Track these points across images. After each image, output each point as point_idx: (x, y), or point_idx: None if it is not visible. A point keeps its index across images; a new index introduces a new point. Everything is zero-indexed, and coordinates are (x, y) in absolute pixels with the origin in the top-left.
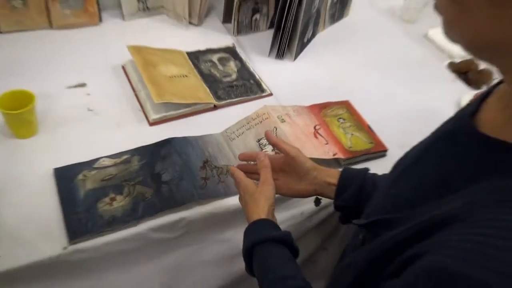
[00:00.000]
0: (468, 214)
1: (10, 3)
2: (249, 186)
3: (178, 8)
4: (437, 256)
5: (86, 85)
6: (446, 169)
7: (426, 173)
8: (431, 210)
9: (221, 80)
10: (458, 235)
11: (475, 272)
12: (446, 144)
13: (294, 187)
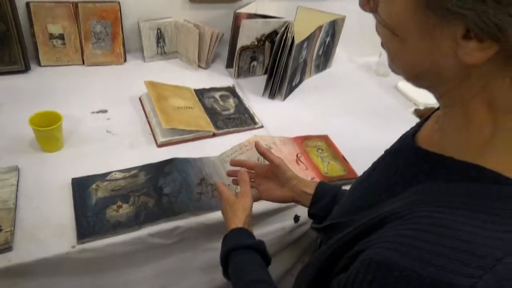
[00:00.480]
0: (404, 213)
1: (52, 42)
2: (229, 197)
3: (189, 53)
4: (375, 250)
5: (107, 111)
6: (389, 179)
7: (372, 184)
8: (373, 213)
9: (221, 113)
10: (394, 230)
11: (406, 262)
12: (391, 158)
13: (275, 193)
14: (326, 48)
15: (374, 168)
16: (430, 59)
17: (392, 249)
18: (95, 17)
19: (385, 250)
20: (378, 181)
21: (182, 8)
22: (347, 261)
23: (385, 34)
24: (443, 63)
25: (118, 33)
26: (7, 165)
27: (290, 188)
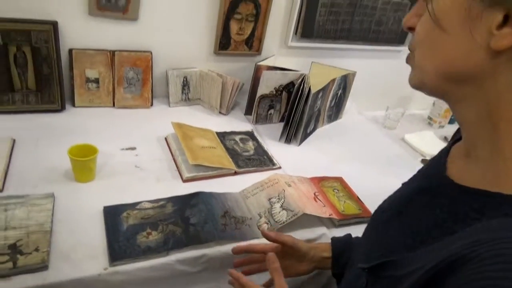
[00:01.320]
0: (474, 254)
1: (87, 85)
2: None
3: (212, 100)
4: None
5: (135, 148)
6: (435, 216)
7: (415, 221)
8: (435, 251)
9: (241, 154)
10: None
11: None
12: (429, 197)
13: (297, 269)
14: (338, 100)
15: (407, 204)
16: (463, 53)
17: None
18: (129, 64)
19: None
20: (421, 218)
21: (207, 60)
22: None
23: (426, 28)
24: (474, 57)
25: (148, 79)
26: (43, 192)
27: (310, 259)
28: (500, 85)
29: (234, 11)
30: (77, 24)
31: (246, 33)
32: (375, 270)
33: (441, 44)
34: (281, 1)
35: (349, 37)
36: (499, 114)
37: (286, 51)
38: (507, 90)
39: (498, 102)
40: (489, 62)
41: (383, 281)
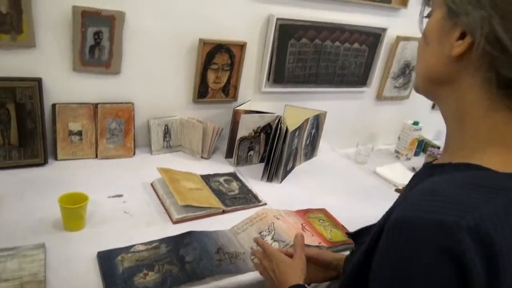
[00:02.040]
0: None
1: (70, 138)
2: (286, 259)
3: (193, 145)
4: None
5: (122, 195)
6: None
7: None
8: None
9: (227, 193)
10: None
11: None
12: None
13: (320, 276)
14: (312, 139)
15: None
16: (436, 60)
17: (400, 211)
18: (112, 116)
19: (397, 213)
20: (401, 195)
21: (186, 108)
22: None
23: (420, 43)
24: (443, 63)
25: (130, 129)
26: (33, 243)
27: (334, 268)
28: (463, 88)
29: (210, 61)
30: (61, 80)
31: (223, 81)
32: (356, 238)
33: (424, 54)
34: (253, 51)
35: (317, 81)
36: (464, 110)
37: (260, 96)
38: (468, 91)
39: (463, 101)
40: (452, 68)
41: (360, 246)
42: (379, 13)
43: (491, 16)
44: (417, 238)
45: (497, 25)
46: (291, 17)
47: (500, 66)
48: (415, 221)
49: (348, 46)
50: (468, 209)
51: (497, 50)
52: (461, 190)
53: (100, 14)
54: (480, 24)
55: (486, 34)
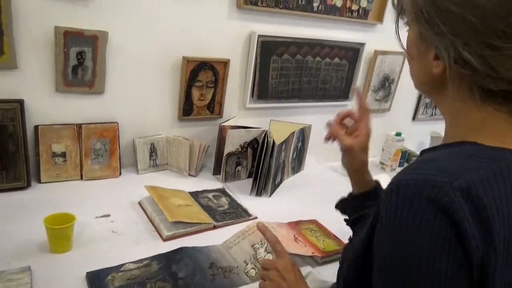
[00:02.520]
0: None
1: (54, 160)
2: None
3: (180, 163)
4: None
5: (110, 215)
6: None
7: None
8: None
9: (217, 209)
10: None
11: (406, 176)
12: None
13: None
14: (299, 152)
15: None
16: (424, 72)
17: (395, 178)
18: (96, 136)
19: (393, 179)
20: None
21: (172, 126)
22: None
23: (406, 54)
24: (428, 77)
25: (115, 149)
26: (18, 266)
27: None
28: (452, 93)
29: (194, 79)
30: (44, 101)
31: (207, 98)
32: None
33: (411, 66)
34: (236, 68)
35: (300, 95)
36: (457, 108)
37: (245, 112)
38: (456, 96)
39: (455, 102)
40: (438, 81)
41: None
42: (356, 28)
43: (454, 42)
44: (411, 195)
45: (462, 50)
46: (272, 34)
47: (476, 81)
48: (409, 181)
49: (328, 61)
50: (460, 173)
51: (468, 70)
52: (454, 159)
53: (83, 34)
54: (447, 50)
55: (455, 58)
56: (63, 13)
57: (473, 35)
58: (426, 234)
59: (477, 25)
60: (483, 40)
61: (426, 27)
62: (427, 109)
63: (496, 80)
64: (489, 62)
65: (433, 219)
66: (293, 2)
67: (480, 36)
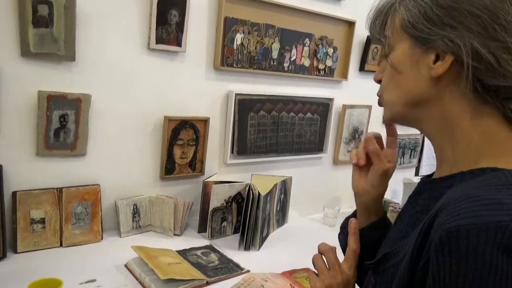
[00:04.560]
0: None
1: (32, 227)
2: None
3: (165, 223)
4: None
5: (95, 280)
6: (419, 205)
7: (407, 216)
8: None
9: (207, 265)
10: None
11: (464, 221)
12: (416, 196)
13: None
14: (282, 205)
15: (402, 211)
16: (416, 84)
17: (449, 222)
18: (77, 200)
19: (445, 225)
20: (410, 212)
21: (154, 186)
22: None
23: (390, 75)
24: (423, 85)
25: (97, 212)
26: None
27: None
28: (447, 104)
29: (176, 137)
30: (23, 166)
31: (189, 156)
32: (378, 265)
33: (401, 82)
34: (216, 126)
35: (278, 150)
36: (453, 123)
37: (226, 168)
38: (452, 105)
39: (450, 116)
40: (433, 88)
41: (385, 273)
42: (324, 85)
43: (464, 36)
44: (478, 243)
45: (474, 42)
46: (248, 92)
47: (481, 75)
48: (469, 227)
49: (302, 116)
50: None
51: (478, 63)
52: (496, 191)
53: (66, 97)
54: (461, 44)
55: (470, 51)
56: (46, 77)
57: (480, 27)
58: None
59: (482, 17)
60: (490, 34)
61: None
62: None
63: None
64: (496, 54)
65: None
66: (265, 63)
67: (486, 28)
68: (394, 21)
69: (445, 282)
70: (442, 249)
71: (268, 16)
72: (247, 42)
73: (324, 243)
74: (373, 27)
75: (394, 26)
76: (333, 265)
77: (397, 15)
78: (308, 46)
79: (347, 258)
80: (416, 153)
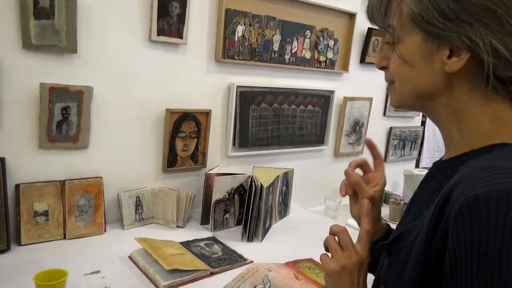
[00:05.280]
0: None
1: (35, 219)
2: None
3: (168, 215)
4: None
5: (100, 271)
6: (432, 186)
7: (420, 198)
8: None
9: (211, 256)
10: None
11: (483, 190)
12: (428, 178)
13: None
14: (284, 196)
15: (414, 196)
16: (428, 78)
17: (467, 192)
18: (80, 192)
19: (464, 195)
20: (422, 194)
21: (156, 178)
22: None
23: (399, 66)
24: (436, 79)
25: (100, 204)
26: None
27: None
28: (457, 94)
29: (178, 130)
30: (26, 159)
31: (191, 149)
32: (392, 246)
33: (412, 75)
34: (218, 118)
35: (279, 142)
36: (462, 111)
37: (227, 161)
38: (463, 96)
39: (459, 105)
40: (444, 82)
41: (399, 254)
42: (325, 77)
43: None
44: (498, 209)
45: (492, 40)
46: (250, 85)
47: (497, 70)
48: (488, 194)
49: (303, 108)
50: None
51: (496, 59)
52: (510, 162)
53: (68, 89)
54: (480, 42)
55: (489, 49)
56: (48, 69)
57: (496, 23)
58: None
59: (498, 12)
60: (507, 29)
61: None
62: (396, 151)
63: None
64: (510, 48)
65: None
66: (266, 55)
67: (502, 24)
68: (402, 10)
69: (467, 250)
70: (463, 218)
71: (269, 8)
72: (248, 34)
73: (337, 224)
74: (374, 14)
75: (401, 17)
76: (347, 245)
77: (403, 4)
78: (309, 38)
79: (360, 239)
80: (417, 145)
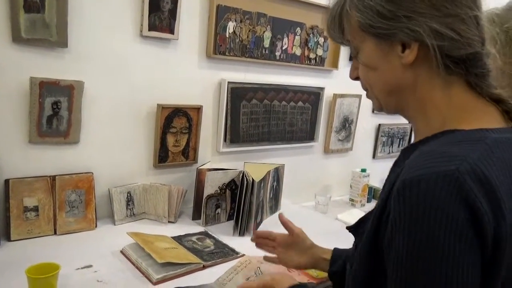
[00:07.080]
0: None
1: (25, 215)
2: None
3: (159, 210)
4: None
5: (92, 266)
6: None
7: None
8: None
9: (203, 250)
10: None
11: (414, 174)
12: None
13: (295, 260)
14: (275, 192)
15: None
16: (391, 75)
17: (405, 175)
18: (71, 187)
19: (401, 178)
20: (388, 182)
21: (147, 174)
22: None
23: (365, 72)
24: (398, 74)
25: (91, 199)
26: None
27: (310, 255)
28: (420, 84)
29: (169, 125)
30: (16, 153)
31: (182, 144)
32: (357, 228)
33: (378, 77)
34: (209, 114)
35: (270, 138)
36: (426, 99)
37: (218, 157)
38: (426, 85)
39: (423, 93)
40: (408, 72)
41: (363, 235)
42: (315, 74)
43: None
44: (427, 191)
45: (432, 24)
46: (240, 81)
47: (448, 50)
48: (421, 177)
49: (293, 105)
50: (461, 158)
51: (441, 41)
52: (449, 147)
53: (59, 84)
54: (420, 30)
55: (428, 33)
56: (38, 63)
57: (433, 9)
58: (445, 221)
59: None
60: (443, 12)
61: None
62: (385, 147)
63: (461, 45)
64: (455, 28)
65: (452, 210)
66: (257, 51)
67: (438, 8)
68: (351, 24)
69: (399, 228)
70: (398, 198)
71: (260, 5)
72: (239, 30)
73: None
74: (333, 34)
75: (352, 29)
76: None
77: (351, 18)
78: (300, 35)
79: None
80: (404, 142)
